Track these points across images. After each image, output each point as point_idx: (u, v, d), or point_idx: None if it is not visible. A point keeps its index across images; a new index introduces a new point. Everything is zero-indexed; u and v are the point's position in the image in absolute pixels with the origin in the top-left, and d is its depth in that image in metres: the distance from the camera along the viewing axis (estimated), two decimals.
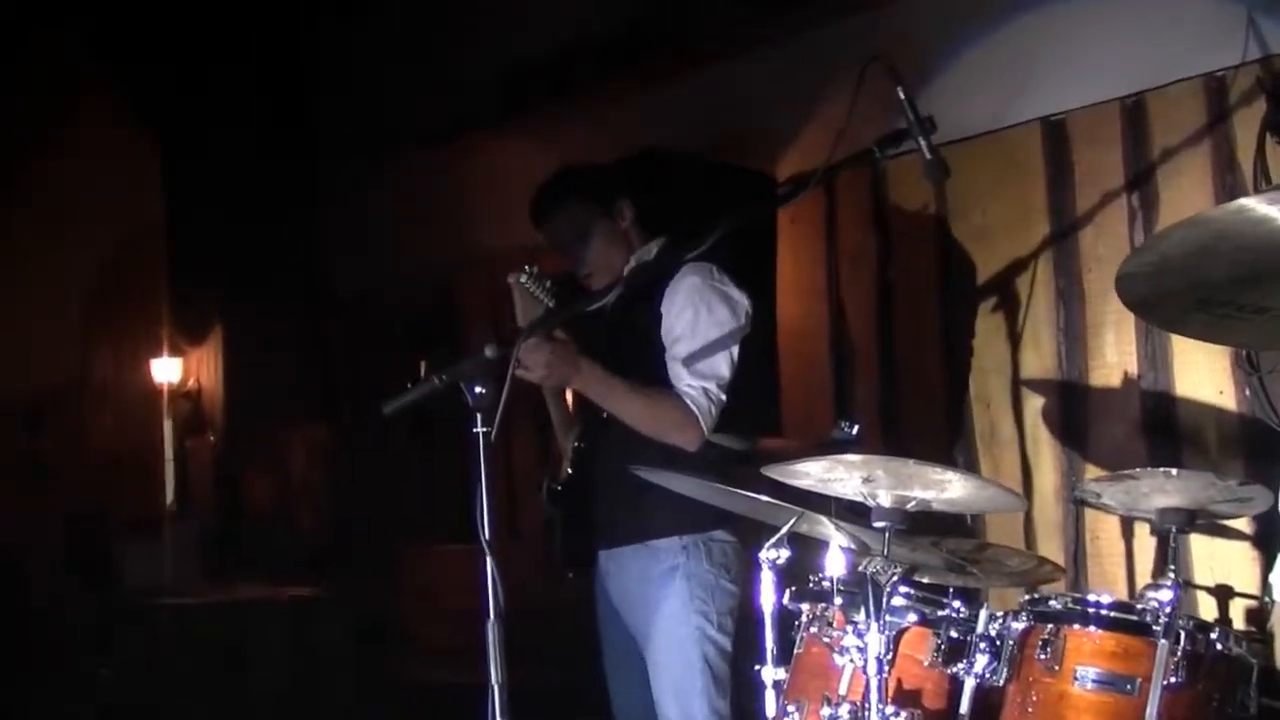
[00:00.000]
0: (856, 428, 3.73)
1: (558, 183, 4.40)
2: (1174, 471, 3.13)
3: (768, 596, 3.41)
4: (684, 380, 4.02)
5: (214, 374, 9.20)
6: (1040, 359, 5.08)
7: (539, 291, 4.09)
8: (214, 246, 8.65)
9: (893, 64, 3.36)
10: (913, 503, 3.20)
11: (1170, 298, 2.79)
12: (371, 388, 8.01)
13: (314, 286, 8.67)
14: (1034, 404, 5.10)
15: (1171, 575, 3.15)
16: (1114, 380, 4.87)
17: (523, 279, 4.09)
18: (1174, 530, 3.19)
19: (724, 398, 4.03)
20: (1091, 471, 4.90)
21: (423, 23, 7.88)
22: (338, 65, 8.68)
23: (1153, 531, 3.82)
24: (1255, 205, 2.51)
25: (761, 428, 4.55)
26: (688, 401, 3.99)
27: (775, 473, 3.29)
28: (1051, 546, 4.95)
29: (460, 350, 7.17)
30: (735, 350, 4.08)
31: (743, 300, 4.14)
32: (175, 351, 9.45)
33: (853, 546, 3.51)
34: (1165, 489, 3.15)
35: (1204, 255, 2.63)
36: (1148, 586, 2.96)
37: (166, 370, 9.46)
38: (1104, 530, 4.84)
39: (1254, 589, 4.39)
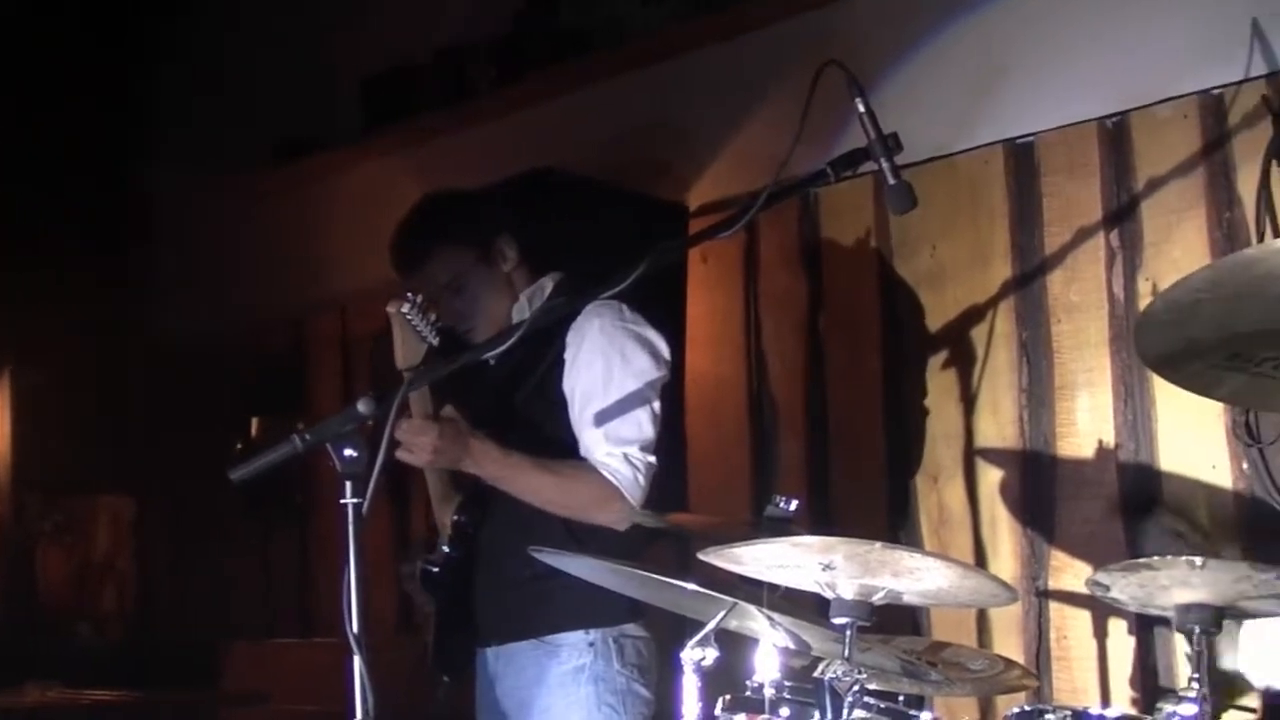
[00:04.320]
0: (795, 504, 3.67)
1: (423, 225, 4.32)
2: (1199, 561, 3.05)
3: (691, 705, 3.31)
4: (601, 448, 3.97)
5: None
6: (999, 425, 5.03)
7: (423, 326, 3.98)
8: None
9: (850, 70, 3.34)
10: (880, 594, 3.12)
11: (1197, 353, 2.72)
12: (195, 451, 7.92)
13: (127, 326, 8.44)
14: (991, 478, 5.05)
15: (1196, 686, 3.06)
16: (1086, 451, 4.83)
17: (405, 309, 3.98)
18: (1198, 631, 3.12)
19: (652, 460, 3.99)
20: (1057, 558, 4.86)
21: (276, 23, 7.76)
22: (175, 66, 8.51)
23: (1130, 632, 3.79)
24: None
25: (668, 499, 4.50)
26: (606, 474, 3.93)
27: (714, 557, 3.19)
28: (1009, 645, 4.90)
29: (305, 407, 7.15)
30: (657, 404, 4.05)
31: (660, 343, 4.12)
32: None
33: (790, 645, 3.44)
34: (1189, 581, 3.06)
35: (1243, 302, 2.57)
36: (1167, 698, 2.89)
37: None
38: (1073, 627, 4.79)
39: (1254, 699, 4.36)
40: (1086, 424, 4.82)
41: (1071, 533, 4.83)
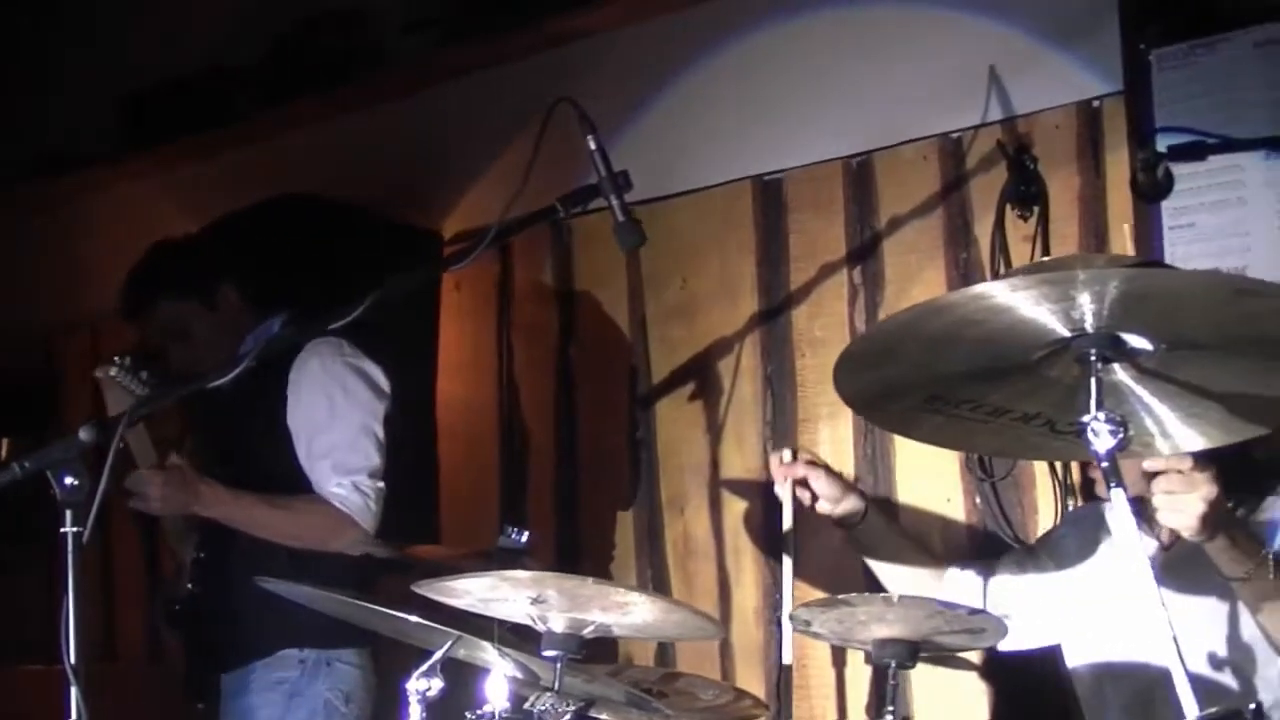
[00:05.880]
0: (526, 535, 3.69)
1: (147, 276, 4.45)
2: (895, 598, 3.12)
3: None
4: (330, 480, 4.11)
5: None
6: (744, 457, 5.06)
7: (133, 385, 4.01)
8: None
9: (582, 108, 3.38)
10: (590, 628, 3.17)
11: (897, 394, 2.76)
12: None
13: None
14: (735, 509, 5.08)
15: (890, 716, 3.13)
16: None
17: (113, 372, 4.04)
18: (894, 665, 3.18)
19: (381, 486, 4.14)
20: (800, 590, 4.87)
21: (35, 34, 7.57)
22: None
23: (868, 662, 3.85)
24: (997, 292, 2.49)
25: (414, 530, 4.55)
26: (336, 504, 4.05)
27: (429, 590, 3.20)
28: (752, 676, 4.93)
29: (56, 428, 6.99)
30: (381, 433, 4.21)
31: (380, 375, 4.30)
32: None
33: (520, 675, 3.46)
34: (885, 617, 3.11)
35: (939, 346, 2.60)
36: None
37: None
38: (812, 657, 4.82)
39: None
40: (828, 457, 4.75)
41: (813, 563, 4.81)
